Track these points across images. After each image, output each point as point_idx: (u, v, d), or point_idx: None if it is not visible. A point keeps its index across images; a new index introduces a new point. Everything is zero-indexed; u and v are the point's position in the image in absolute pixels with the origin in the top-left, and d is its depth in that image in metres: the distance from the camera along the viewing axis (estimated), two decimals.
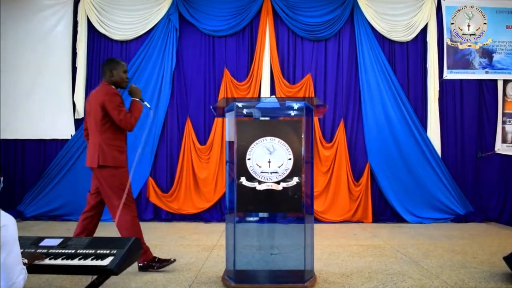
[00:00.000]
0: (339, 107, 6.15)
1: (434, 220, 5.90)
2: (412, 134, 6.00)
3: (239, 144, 2.86)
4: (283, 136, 2.86)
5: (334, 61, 6.19)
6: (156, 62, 6.04)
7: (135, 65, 6.01)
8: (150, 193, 5.96)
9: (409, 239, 4.81)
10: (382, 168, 6.01)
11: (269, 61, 6.05)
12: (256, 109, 3.09)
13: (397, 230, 5.43)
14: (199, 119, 6.11)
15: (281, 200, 2.86)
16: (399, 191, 5.96)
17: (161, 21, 6.07)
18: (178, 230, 5.29)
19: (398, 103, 6.03)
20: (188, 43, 6.18)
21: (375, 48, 6.08)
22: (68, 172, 5.87)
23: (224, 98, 4.80)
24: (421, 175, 5.95)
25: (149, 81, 6.03)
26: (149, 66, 6.04)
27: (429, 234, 5.13)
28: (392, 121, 6.02)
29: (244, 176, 2.83)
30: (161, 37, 6.06)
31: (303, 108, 2.93)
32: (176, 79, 6.13)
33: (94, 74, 6.15)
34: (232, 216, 2.94)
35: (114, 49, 6.16)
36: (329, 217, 5.94)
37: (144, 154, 5.95)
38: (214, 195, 5.97)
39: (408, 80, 6.21)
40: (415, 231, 5.34)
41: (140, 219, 5.85)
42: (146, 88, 6.01)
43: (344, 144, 6.05)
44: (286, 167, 2.83)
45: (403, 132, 6.01)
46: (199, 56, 6.17)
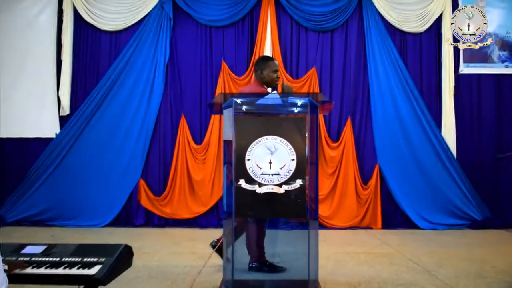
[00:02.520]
0: (346, 104, 6.15)
1: (448, 226, 5.91)
2: (425, 133, 6.00)
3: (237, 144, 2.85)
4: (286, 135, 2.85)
5: (341, 53, 6.19)
6: (148, 54, 6.04)
7: (125, 58, 6.01)
8: (141, 196, 5.97)
9: (421, 247, 4.81)
10: (392, 170, 6.01)
11: (270, 54, 6.04)
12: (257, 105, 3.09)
13: (408, 237, 5.43)
14: (194, 116, 6.12)
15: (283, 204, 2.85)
16: (411, 194, 5.97)
17: (153, 10, 6.07)
18: (171, 237, 5.29)
19: (410, 99, 6.03)
20: (183, 34, 6.17)
21: (385, 39, 6.08)
22: (52, 174, 5.87)
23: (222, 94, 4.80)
24: (435, 177, 5.96)
25: (141, 75, 6.04)
26: (140, 59, 6.04)
27: (444, 242, 5.12)
28: (404, 119, 6.03)
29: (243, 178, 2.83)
30: (153, 27, 6.06)
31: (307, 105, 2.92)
32: (170, 73, 6.13)
33: (80, 68, 6.15)
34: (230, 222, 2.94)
35: (103, 41, 6.17)
36: (335, 223, 5.94)
37: (135, 154, 5.96)
38: (210, 199, 5.97)
39: (421, 74, 6.21)
40: (428, 238, 5.34)
41: (131, 224, 5.92)
42: (137, 83, 6.02)
43: (352, 144, 6.05)
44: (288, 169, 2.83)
45: (415, 131, 6.01)
46: (194, 48, 6.17)
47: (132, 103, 6.00)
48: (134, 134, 5.98)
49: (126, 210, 6.00)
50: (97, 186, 5.86)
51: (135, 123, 5.99)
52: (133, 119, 6.00)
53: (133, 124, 5.99)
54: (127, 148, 5.96)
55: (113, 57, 6.10)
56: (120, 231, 5.61)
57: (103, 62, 6.14)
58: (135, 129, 5.98)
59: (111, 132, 5.96)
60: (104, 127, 5.96)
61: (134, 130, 5.98)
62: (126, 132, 5.98)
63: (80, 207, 5.81)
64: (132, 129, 5.99)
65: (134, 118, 6.00)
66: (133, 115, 6.00)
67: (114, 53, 6.13)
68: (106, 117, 5.97)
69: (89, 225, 5.77)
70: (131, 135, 5.98)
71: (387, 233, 5.63)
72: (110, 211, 5.87)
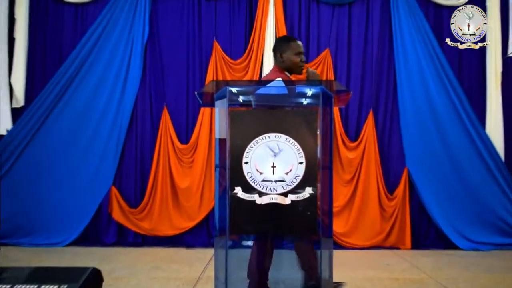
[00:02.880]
0: (367, 94, 6.16)
1: (494, 246, 5.91)
2: (466, 130, 6.01)
3: (233, 143, 2.85)
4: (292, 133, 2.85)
5: (361, 32, 6.19)
6: (122, 32, 6.04)
7: (94, 36, 6.00)
8: (113, 207, 5.96)
9: (461, 271, 4.80)
10: (424, 176, 6.02)
11: (273, 32, 6.04)
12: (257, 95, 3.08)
13: (445, 259, 5.43)
14: (180, 108, 6.12)
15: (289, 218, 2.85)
16: (447, 206, 5.97)
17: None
18: (151, 258, 5.29)
19: (446, 88, 6.03)
20: (166, 7, 6.18)
21: (416, 14, 6.09)
22: (2, 180, 5.85)
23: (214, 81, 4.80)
24: (478, 185, 5.96)
25: (113, 58, 6.03)
26: (112, 38, 6.04)
27: (488, 265, 5.12)
28: (439, 113, 6.03)
29: (240, 186, 2.83)
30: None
31: (319, 95, 2.92)
32: (150, 55, 6.13)
33: (38, 49, 6.15)
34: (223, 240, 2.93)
35: (66, 15, 6.16)
36: (353, 242, 5.95)
37: (105, 156, 5.96)
38: (199, 212, 5.97)
39: (460, 58, 6.21)
40: (469, 260, 5.34)
41: (100, 242, 5.92)
42: (108, 67, 6.01)
43: (374, 144, 6.06)
44: (295, 174, 2.83)
45: (453, 128, 6.02)
46: (180, 25, 6.17)
47: (102, 92, 6.00)
48: (105, 131, 5.97)
49: (94, 225, 5.99)
50: (59, 196, 5.85)
51: (106, 117, 5.98)
52: (103, 113, 5.99)
53: (104, 119, 5.98)
54: (96, 148, 5.95)
55: (79, 35, 6.09)
56: (87, 251, 5.60)
57: (66, 42, 6.13)
58: (106, 124, 5.98)
59: (76, 129, 5.95)
60: (67, 122, 5.94)
61: (104, 126, 5.97)
62: (95, 129, 5.97)
63: (38, 222, 5.80)
64: (103, 124, 5.97)
65: (105, 111, 5.99)
66: (104, 108, 5.99)
67: (80, 30, 6.12)
68: (69, 109, 5.96)
69: (49, 243, 5.76)
70: (101, 132, 5.97)
71: (417, 254, 5.63)
72: (75, 226, 5.87)
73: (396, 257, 5.49)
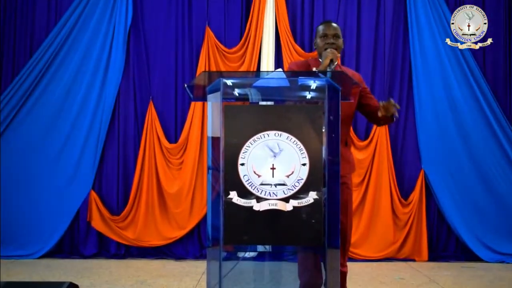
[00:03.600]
0: (378, 88, 6.18)
1: None
2: (491, 128, 6.03)
3: (227, 142, 2.85)
4: (294, 130, 2.86)
5: (372, 19, 6.22)
6: (102, 16, 6.05)
7: (70, 22, 6.00)
8: (92, 215, 5.96)
9: (485, 287, 4.81)
10: (444, 180, 6.04)
11: (273, 17, 6.05)
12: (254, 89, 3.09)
13: (466, 272, 5.45)
14: (167, 103, 6.13)
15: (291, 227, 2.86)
16: (469, 213, 5.99)
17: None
18: (135, 272, 5.29)
19: (469, 82, 6.05)
20: None
21: (434, 1, 6.11)
22: None
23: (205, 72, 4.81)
24: (503, 190, 5.99)
25: (92, 46, 6.04)
26: (91, 24, 6.04)
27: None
28: (460, 110, 6.05)
29: (235, 190, 2.83)
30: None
31: (325, 88, 2.92)
32: (133, 43, 6.14)
33: (6, 37, 6.15)
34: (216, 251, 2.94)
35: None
36: (363, 253, 5.96)
37: (84, 157, 5.96)
38: (189, 219, 5.97)
39: (484, 48, 6.22)
40: (495, 274, 5.35)
41: (77, 254, 5.92)
42: (86, 57, 6.01)
43: (386, 143, 6.07)
44: (298, 177, 2.83)
45: (476, 127, 6.04)
46: (167, 9, 6.18)
47: (79, 85, 6.00)
48: (83, 128, 5.97)
49: (71, 235, 6.01)
50: (31, 201, 5.86)
51: (85, 113, 5.98)
52: (81, 108, 5.99)
53: (82, 115, 5.98)
54: (72, 148, 5.96)
55: (53, 21, 6.10)
56: (63, 264, 5.60)
57: (38, 28, 6.13)
58: (85, 121, 5.98)
59: (50, 127, 5.96)
60: (39, 120, 5.95)
61: (83, 123, 5.97)
62: (72, 126, 5.97)
63: (7, 231, 5.77)
64: (80, 121, 5.97)
65: (83, 106, 5.99)
66: (82, 102, 6.00)
67: (54, 16, 6.13)
68: (43, 105, 5.97)
69: (20, 255, 5.76)
70: (78, 130, 5.97)
71: (436, 267, 5.65)
72: (49, 235, 5.87)
73: (411, 270, 5.50)
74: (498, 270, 5.56)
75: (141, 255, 5.95)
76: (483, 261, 5.87)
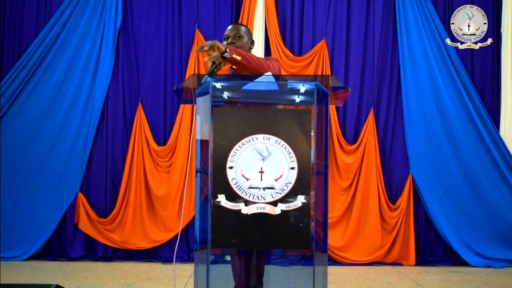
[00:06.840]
0: (367, 91, 6.19)
1: (509, 263, 5.95)
2: (478, 133, 6.06)
3: (216, 145, 2.85)
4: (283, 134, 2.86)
5: (362, 21, 6.23)
6: (91, 18, 6.03)
7: (60, 22, 5.98)
8: (79, 217, 5.94)
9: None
10: (431, 184, 6.05)
11: (262, 20, 6.06)
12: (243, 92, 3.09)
13: (453, 277, 5.46)
14: (156, 105, 6.12)
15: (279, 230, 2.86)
16: (456, 218, 6.01)
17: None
18: (122, 275, 5.28)
19: (457, 86, 6.08)
20: None
21: (423, 3, 6.14)
22: None
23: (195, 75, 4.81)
24: (491, 194, 6.01)
25: (81, 48, 6.01)
26: (81, 25, 6.02)
27: (502, 285, 5.16)
28: (448, 113, 6.07)
29: (224, 194, 2.83)
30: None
31: (314, 92, 2.93)
32: (123, 44, 6.12)
33: None
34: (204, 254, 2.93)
35: None
36: (350, 257, 5.97)
37: (71, 158, 5.94)
38: (177, 222, 5.95)
39: (472, 52, 6.26)
40: (481, 279, 5.37)
41: (64, 256, 5.89)
42: (76, 58, 5.99)
43: (375, 147, 6.08)
44: (286, 181, 2.84)
45: (464, 130, 6.06)
46: (157, 10, 6.17)
47: (68, 86, 5.98)
48: (71, 130, 5.95)
49: (58, 237, 5.97)
50: (17, 202, 5.83)
51: (73, 115, 5.96)
52: (69, 109, 5.96)
53: (70, 116, 5.95)
54: (60, 150, 5.93)
55: (42, 21, 6.07)
56: (50, 266, 5.58)
57: (27, 29, 6.10)
58: (73, 123, 5.95)
59: (38, 128, 5.93)
60: (28, 121, 5.92)
61: (71, 124, 5.94)
62: (60, 128, 5.94)
63: None
64: (69, 123, 5.95)
65: (72, 108, 5.96)
66: (70, 103, 5.97)
67: (43, 16, 6.10)
68: (31, 106, 5.94)
69: (6, 257, 5.72)
70: (66, 131, 5.94)
71: (423, 272, 5.66)
72: (36, 237, 5.84)
73: (399, 275, 5.52)
74: (485, 274, 5.58)
75: (128, 257, 5.93)
76: (470, 265, 5.90)
